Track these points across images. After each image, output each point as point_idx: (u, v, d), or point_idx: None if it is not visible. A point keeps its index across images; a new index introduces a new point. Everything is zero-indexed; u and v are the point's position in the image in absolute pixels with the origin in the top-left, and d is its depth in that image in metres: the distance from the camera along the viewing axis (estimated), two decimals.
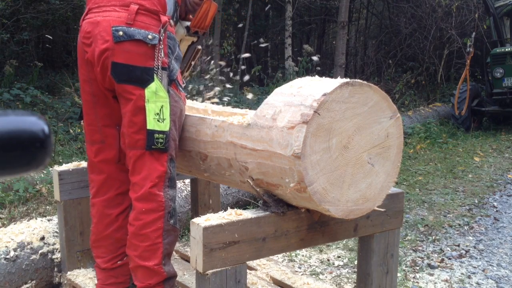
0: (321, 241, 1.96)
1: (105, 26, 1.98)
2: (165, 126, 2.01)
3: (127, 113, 2.03)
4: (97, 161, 2.22)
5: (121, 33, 1.96)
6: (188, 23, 2.33)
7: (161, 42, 2.00)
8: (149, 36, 1.97)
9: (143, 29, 1.98)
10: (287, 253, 3.40)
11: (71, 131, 6.02)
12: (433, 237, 3.82)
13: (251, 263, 2.70)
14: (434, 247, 3.64)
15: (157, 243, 2.03)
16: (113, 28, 1.97)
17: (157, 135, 2.00)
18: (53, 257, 2.71)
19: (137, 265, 2.05)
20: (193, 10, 2.33)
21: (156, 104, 1.99)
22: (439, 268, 3.28)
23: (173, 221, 2.08)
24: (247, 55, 4.88)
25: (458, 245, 3.67)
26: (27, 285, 2.60)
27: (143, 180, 2.03)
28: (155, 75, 1.98)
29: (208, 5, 2.29)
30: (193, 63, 2.47)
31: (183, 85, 2.20)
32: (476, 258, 3.46)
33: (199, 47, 2.42)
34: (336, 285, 3.01)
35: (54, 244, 2.74)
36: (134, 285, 2.14)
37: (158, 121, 1.99)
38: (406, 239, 3.76)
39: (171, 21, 2.10)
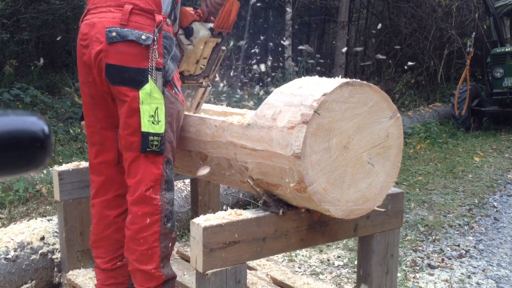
0: (321, 241, 1.96)
1: (100, 27, 1.97)
2: (160, 128, 1.98)
3: (122, 114, 2.01)
4: (96, 163, 2.21)
5: (114, 34, 1.94)
6: (211, 25, 2.28)
7: (155, 43, 1.96)
8: (143, 37, 1.94)
9: (137, 30, 1.95)
10: (287, 253, 3.40)
11: (71, 131, 6.01)
12: (433, 237, 3.82)
13: (251, 263, 2.70)
14: (434, 247, 3.64)
15: (154, 247, 2.01)
16: (107, 29, 1.94)
17: (152, 137, 1.96)
18: (53, 257, 2.71)
19: (135, 269, 2.05)
20: (215, 10, 2.28)
21: (150, 106, 1.95)
22: (439, 268, 3.28)
23: (171, 225, 2.05)
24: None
25: (458, 245, 3.67)
26: (27, 285, 2.60)
27: (138, 183, 2.01)
28: (149, 76, 1.95)
29: (230, 4, 2.24)
30: (218, 64, 2.42)
31: (179, 86, 2.15)
32: (476, 258, 3.46)
33: (224, 47, 2.37)
34: (336, 285, 3.01)
35: (54, 244, 2.74)
36: (133, 285, 2.14)
37: (153, 123, 1.96)
38: (406, 239, 3.76)
39: (167, 20, 2.06)
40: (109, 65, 1.96)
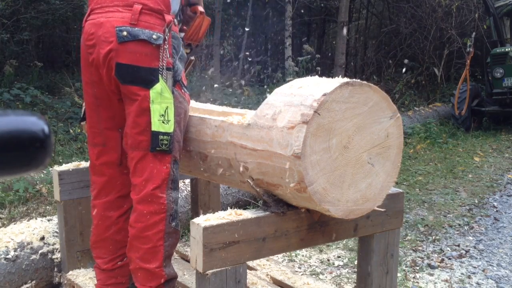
0: (321, 241, 1.96)
1: (109, 27, 1.96)
2: (169, 127, 1.99)
3: (131, 113, 2.01)
4: (98, 164, 2.21)
5: (125, 33, 1.94)
6: (182, 35, 2.32)
7: (166, 42, 1.97)
8: (154, 36, 1.95)
9: (148, 29, 1.96)
10: (287, 253, 3.40)
11: (71, 131, 6.01)
12: (433, 237, 3.82)
13: (251, 263, 2.70)
14: (434, 247, 3.64)
15: (158, 245, 2.01)
16: (117, 29, 1.94)
17: (162, 136, 1.98)
18: (53, 257, 2.71)
19: (138, 267, 2.04)
20: (187, 22, 2.33)
21: (161, 105, 1.97)
22: (439, 268, 3.28)
23: (175, 224, 2.06)
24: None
25: (458, 245, 3.67)
26: (27, 285, 2.60)
27: (145, 181, 2.01)
28: (160, 75, 1.96)
29: (201, 19, 2.31)
30: (185, 73, 2.48)
31: (186, 85, 2.19)
32: (476, 258, 3.46)
33: (192, 58, 2.42)
34: (336, 285, 3.01)
35: (54, 244, 2.74)
36: (133, 285, 2.14)
37: (163, 122, 1.98)
38: (406, 239, 3.76)
39: (175, 20, 2.08)
40: (120, 64, 1.96)
